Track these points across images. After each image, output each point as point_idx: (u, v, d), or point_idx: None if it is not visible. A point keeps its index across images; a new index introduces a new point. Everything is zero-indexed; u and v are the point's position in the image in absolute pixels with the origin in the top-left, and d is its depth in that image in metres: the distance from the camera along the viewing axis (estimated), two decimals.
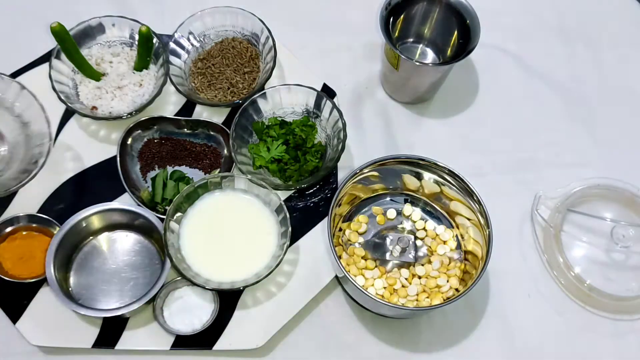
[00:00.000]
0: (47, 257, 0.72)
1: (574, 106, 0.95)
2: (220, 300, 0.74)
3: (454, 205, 0.79)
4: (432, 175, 0.79)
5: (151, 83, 0.85)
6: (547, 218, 0.83)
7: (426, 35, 0.92)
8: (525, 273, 0.82)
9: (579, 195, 0.85)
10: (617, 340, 0.79)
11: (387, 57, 0.86)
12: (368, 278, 0.75)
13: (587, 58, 0.99)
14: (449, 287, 0.75)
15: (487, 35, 0.84)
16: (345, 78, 0.93)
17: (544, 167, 0.89)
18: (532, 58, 0.98)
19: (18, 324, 0.72)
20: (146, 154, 0.83)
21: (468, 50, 0.83)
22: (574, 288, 0.80)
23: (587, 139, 0.92)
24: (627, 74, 0.98)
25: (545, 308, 0.80)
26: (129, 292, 0.75)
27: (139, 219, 0.76)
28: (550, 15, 1.03)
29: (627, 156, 0.91)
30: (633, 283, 0.81)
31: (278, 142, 0.81)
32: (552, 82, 0.96)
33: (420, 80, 0.87)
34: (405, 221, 0.81)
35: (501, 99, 0.94)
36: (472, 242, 0.77)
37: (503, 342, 0.78)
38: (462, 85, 0.95)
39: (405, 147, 0.89)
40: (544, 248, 0.83)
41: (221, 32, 0.89)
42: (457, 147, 0.90)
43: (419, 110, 0.92)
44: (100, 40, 0.86)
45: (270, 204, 0.77)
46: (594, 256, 0.82)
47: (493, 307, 0.80)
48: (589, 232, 0.84)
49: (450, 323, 0.78)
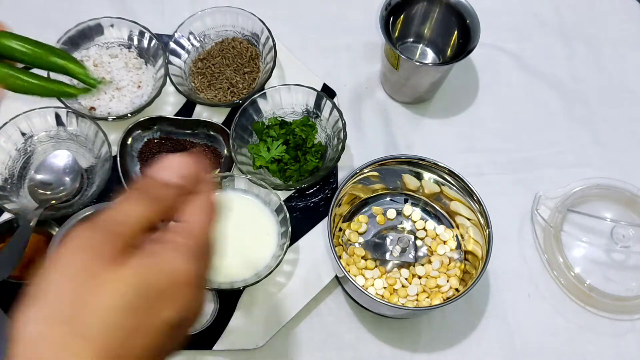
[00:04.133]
0: None
1: (574, 106, 0.95)
2: (220, 300, 0.74)
3: (454, 205, 0.79)
4: (432, 175, 0.79)
5: (150, 84, 0.85)
6: (547, 218, 0.83)
7: (426, 35, 0.92)
8: (525, 273, 0.82)
9: (579, 195, 0.85)
10: (617, 340, 0.79)
11: (387, 57, 0.86)
12: (368, 278, 0.75)
13: (587, 58, 0.99)
14: (449, 287, 0.75)
15: (487, 35, 0.84)
16: (345, 78, 0.93)
17: (544, 167, 0.89)
18: (532, 58, 0.98)
19: None
20: (146, 154, 0.83)
21: (468, 50, 0.83)
22: (574, 288, 0.80)
23: (587, 139, 0.92)
24: (627, 74, 0.98)
25: (545, 308, 0.80)
26: None
27: None
28: (550, 15, 1.03)
29: (627, 156, 0.91)
30: (633, 283, 0.81)
31: (278, 142, 0.81)
32: (552, 82, 0.96)
33: (420, 80, 0.87)
34: (405, 221, 0.81)
35: (501, 99, 0.95)
36: (472, 242, 0.77)
37: (503, 342, 0.78)
38: (462, 85, 0.95)
39: (405, 147, 0.89)
40: (544, 248, 0.83)
41: (221, 32, 0.89)
42: (457, 147, 0.90)
43: (419, 110, 0.92)
44: (98, 41, 0.86)
45: (270, 204, 0.77)
46: (594, 256, 0.82)
47: (493, 307, 0.80)
48: (589, 232, 0.84)
49: (450, 323, 0.78)
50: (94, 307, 0.34)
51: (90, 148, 0.81)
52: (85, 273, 0.35)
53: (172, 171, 0.40)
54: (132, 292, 0.35)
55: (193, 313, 0.39)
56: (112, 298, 0.35)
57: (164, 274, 0.37)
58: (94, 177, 0.80)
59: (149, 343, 0.36)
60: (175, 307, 0.37)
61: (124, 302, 0.35)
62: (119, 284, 0.35)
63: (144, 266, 0.36)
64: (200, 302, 0.39)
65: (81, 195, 0.79)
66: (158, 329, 0.36)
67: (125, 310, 0.35)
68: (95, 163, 0.80)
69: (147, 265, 0.36)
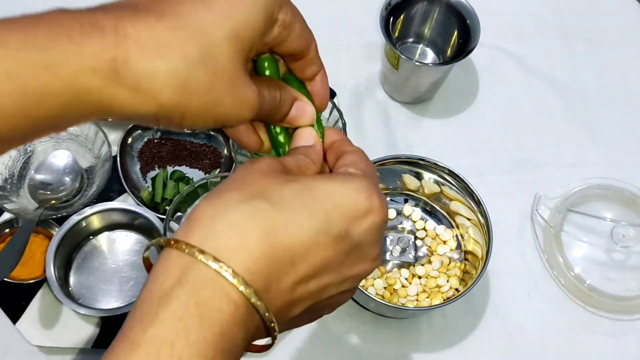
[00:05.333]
0: (47, 257, 0.72)
1: (574, 106, 0.95)
2: None
3: (454, 205, 0.79)
4: (432, 175, 0.79)
5: None
6: (547, 218, 0.83)
7: (426, 35, 0.92)
8: (525, 273, 0.82)
9: (579, 195, 0.85)
10: (617, 340, 0.79)
11: (387, 57, 0.86)
12: (368, 278, 0.75)
13: (587, 58, 0.99)
14: (449, 287, 0.75)
15: (487, 35, 0.84)
16: (345, 78, 0.93)
17: (544, 167, 0.89)
18: (532, 58, 0.98)
19: (18, 324, 0.72)
20: (146, 154, 0.83)
21: (468, 50, 0.83)
22: (574, 288, 0.80)
23: (587, 139, 0.92)
24: (627, 74, 0.98)
25: (545, 308, 0.80)
26: (129, 292, 0.75)
27: (139, 218, 0.76)
28: (550, 15, 1.03)
29: (627, 156, 0.91)
30: (633, 283, 0.81)
31: None
32: (552, 82, 0.96)
33: (420, 80, 0.87)
34: (405, 221, 0.81)
35: (501, 99, 0.95)
36: (472, 242, 0.77)
37: (503, 342, 0.78)
38: (462, 85, 0.95)
39: (405, 147, 0.89)
40: (544, 248, 0.83)
41: None
42: (457, 147, 0.90)
43: (419, 110, 0.92)
44: None
45: None
46: (594, 256, 0.82)
47: (493, 307, 0.80)
48: (589, 232, 0.84)
49: (450, 323, 0.78)
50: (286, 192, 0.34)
51: (90, 148, 0.81)
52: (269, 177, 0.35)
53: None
54: (330, 199, 0.34)
55: (374, 254, 0.37)
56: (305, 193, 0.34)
57: (359, 193, 0.35)
58: (94, 177, 0.80)
59: (329, 258, 0.34)
60: (362, 229, 0.35)
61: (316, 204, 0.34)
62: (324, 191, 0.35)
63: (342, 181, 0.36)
64: (380, 250, 0.39)
65: (81, 195, 0.79)
66: (343, 247, 0.34)
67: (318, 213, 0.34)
68: (95, 163, 0.80)
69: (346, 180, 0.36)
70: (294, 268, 0.33)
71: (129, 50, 0.30)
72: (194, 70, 0.32)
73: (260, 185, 0.34)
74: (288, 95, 0.41)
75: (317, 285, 0.34)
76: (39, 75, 0.29)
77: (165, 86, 0.31)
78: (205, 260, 0.30)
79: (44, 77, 0.29)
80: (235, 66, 0.34)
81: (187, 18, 0.32)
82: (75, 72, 0.30)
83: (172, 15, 0.32)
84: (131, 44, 0.30)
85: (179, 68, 0.31)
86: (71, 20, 0.30)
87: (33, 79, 0.29)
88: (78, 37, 0.30)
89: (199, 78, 0.32)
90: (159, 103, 0.32)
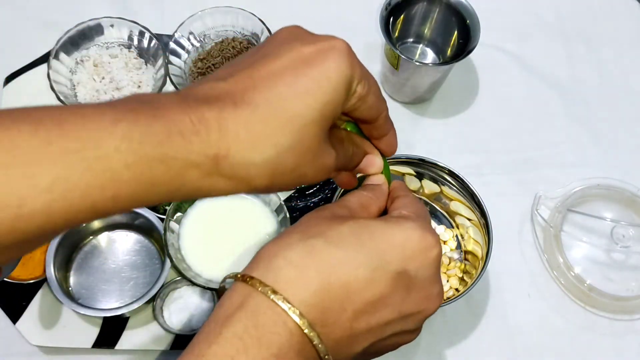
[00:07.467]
0: (47, 257, 0.72)
1: (574, 106, 0.95)
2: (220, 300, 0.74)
3: (454, 205, 0.79)
4: (432, 175, 0.79)
5: (150, 84, 0.85)
6: (547, 218, 0.83)
7: (426, 35, 0.92)
8: (525, 273, 0.82)
9: (579, 195, 0.85)
10: (617, 340, 0.79)
11: (387, 57, 0.86)
12: None
13: (587, 58, 0.99)
14: (449, 287, 0.75)
15: (487, 35, 0.84)
16: None
17: (544, 167, 0.89)
18: (532, 58, 0.98)
19: (18, 324, 0.72)
20: None
21: (468, 50, 0.83)
22: (574, 288, 0.80)
23: (587, 139, 0.92)
24: (627, 74, 0.98)
25: (545, 308, 0.80)
26: (129, 291, 0.75)
27: (139, 218, 0.76)
28: (550, 15, 1.03)
29: (627, 156, 0.91)
30: (633, 283, 0.81)
31: None
32: (552, 82, 0.96)
33: (420, 80, 0.87)
34: None
35: (501, 99, 0.95)
36: (472, 242, 0.77)
37: (503, 342, 0.78)
38: (462, 85, 0.95)
39: (405, 147, 0.89)
40: (544, 248, 0.83)
41: (221, 32, 0.89)
42: (457, 147, 0.90)
43: (419, 110, 0.92)
44: (98, 41, 0.86)
45: (270, 204, 0.77)
46: (594, 256, 0.82)
47: (493, 307, 0.80)
48: (589, 232, 0.84)
49: (450, 323, 0.78)
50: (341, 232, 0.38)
51: None
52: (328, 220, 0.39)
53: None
54: (387, 242, 0.37)
55: (434, 298, 0.41)
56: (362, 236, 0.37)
57: (411, 236, 0.39)
58: None
59: (379, 295, 0.36)
60: (418, 266, 0.38)
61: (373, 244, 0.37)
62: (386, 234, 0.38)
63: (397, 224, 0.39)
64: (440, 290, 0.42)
65: None
66: (397, 284, 0.37)
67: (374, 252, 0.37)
68: None
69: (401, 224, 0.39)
70: (351, 303, 0.35)
71: (229, 147, 0.34)
72: (284, 157, 0.36)
73: (320, 227, 0.38)
74: (360, 150, 0.45)
75: (377, 322, 0.36)
76: (154, 167, 0.33)
77: (259, 174, 0.35)
78: (264, 291, 0.34)
79: (158, 169, 0.33)
80: (318, 142, 0.37)
81: (277, 108, 0.35)
82: (184, 167, 0.33)
83: (265, 106, 0.35)
84: (231, 141, 0.34)
85: (271, 157, 0.35)
86: (182, 115, 0.33)
87: (149, 170, 0.33)
88: (188, 134, 0.33)
89: (288, 161, 0.36)
90: (252, 187, 0.36)
